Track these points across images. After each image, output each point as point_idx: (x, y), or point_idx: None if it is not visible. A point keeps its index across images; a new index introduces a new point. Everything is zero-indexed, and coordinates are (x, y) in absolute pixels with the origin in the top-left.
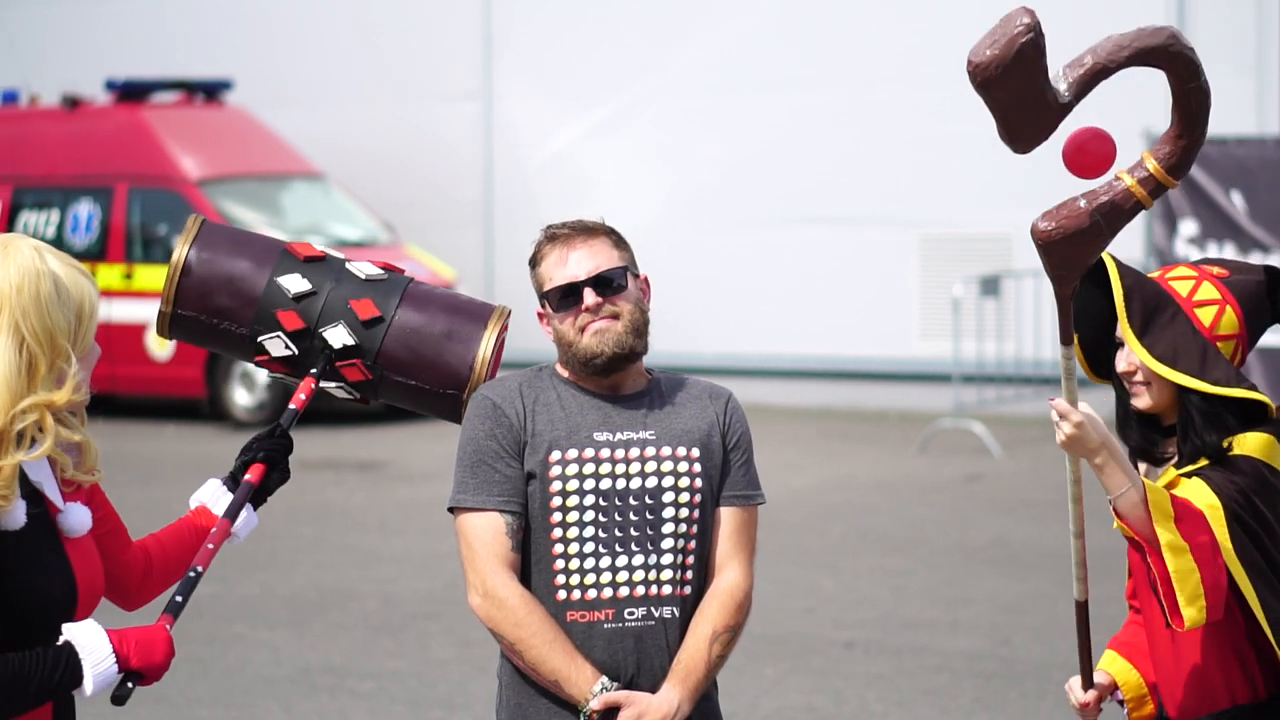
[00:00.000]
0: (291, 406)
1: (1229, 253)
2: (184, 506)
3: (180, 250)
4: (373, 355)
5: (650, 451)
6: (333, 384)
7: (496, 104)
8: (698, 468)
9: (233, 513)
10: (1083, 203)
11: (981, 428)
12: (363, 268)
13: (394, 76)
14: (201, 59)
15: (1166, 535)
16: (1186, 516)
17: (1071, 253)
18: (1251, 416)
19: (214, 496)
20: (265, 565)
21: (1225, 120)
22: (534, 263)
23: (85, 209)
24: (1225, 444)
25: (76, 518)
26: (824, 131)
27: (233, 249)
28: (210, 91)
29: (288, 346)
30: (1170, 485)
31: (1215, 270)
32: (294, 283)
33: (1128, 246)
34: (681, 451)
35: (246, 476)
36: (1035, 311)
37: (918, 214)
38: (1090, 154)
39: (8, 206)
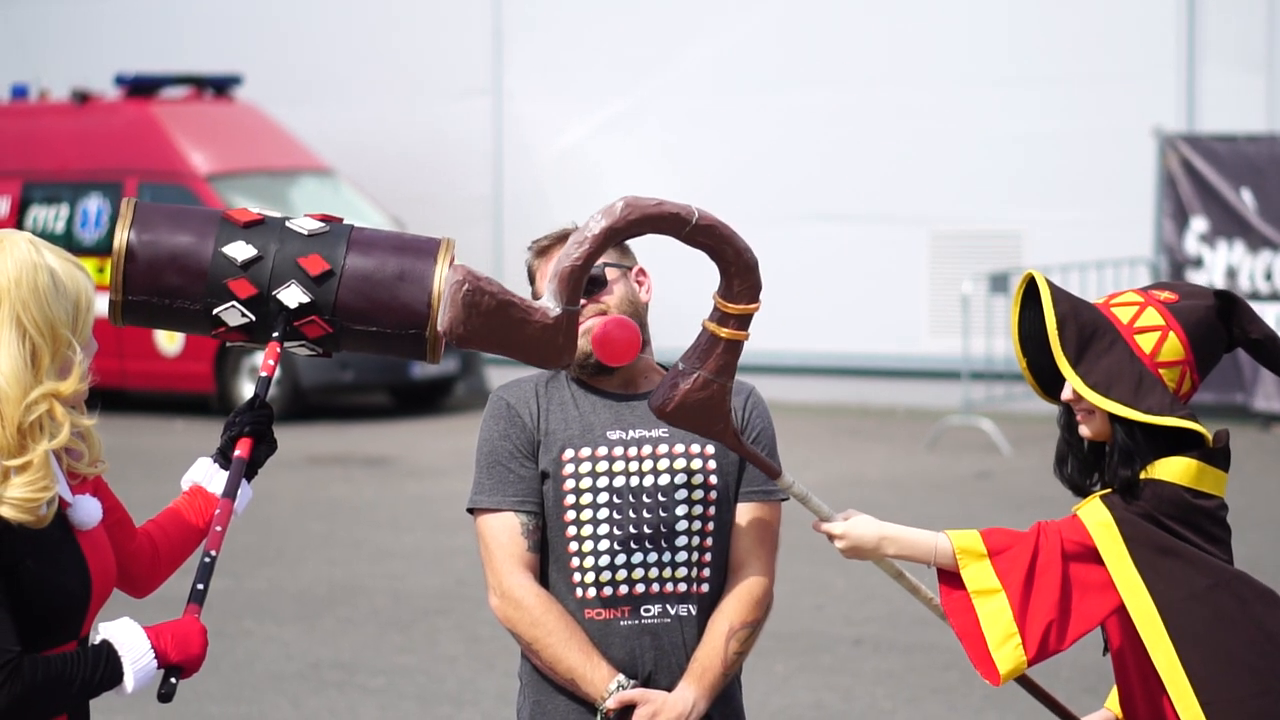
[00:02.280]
0: (262, 374)
1: (1238, 250)
2: None
3: (120, 235)
4: (329, 309)
5: (663, 449)
6: (294, 343)
7: (506, 100)
8: (712, 465)
9: (231, 491)
10: (680, 365)
11: (991, 425)
12: (304, 223)
13: (404, 72)
14: (211, 54)
15: (973, 582)
16: (1009, 546)
17: (698, 412)
18: (1185, 444)
19: (206, 475)
20: (274, 561)
21: (1235, 118)
22: (531, 280)
23: (95, 204)
24: (1140, 475)
25: (86, 510)
26: (834, 129)
27: (172, 226)
28: (220, 87)
29: (244, 315)
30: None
31: (1163, 296)
32: (239, 250)
33: (1139, 245)
34: (695, 448)
35: (236, 452)
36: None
37: (927, 211)
38: (615, 341)
39: (17, 202)
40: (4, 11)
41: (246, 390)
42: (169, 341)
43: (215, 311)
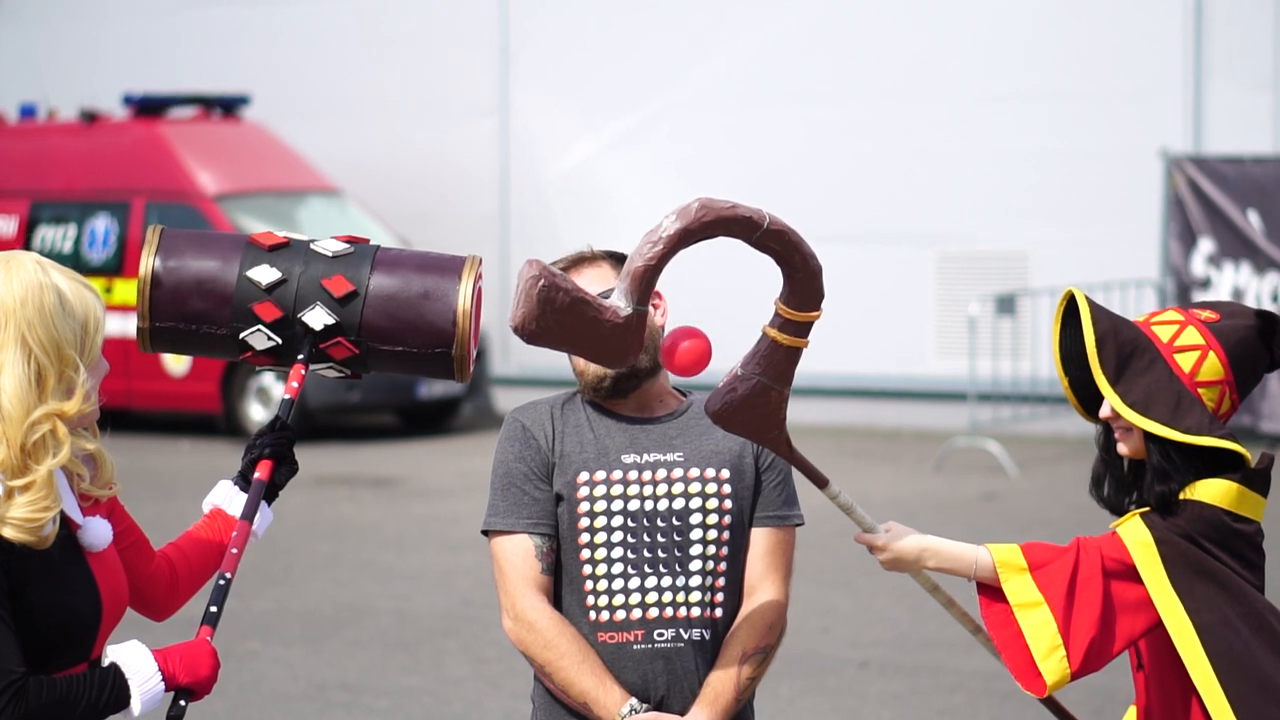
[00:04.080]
0: (286, 396)
1: (1245, 272)
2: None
3: (146, 262)
4: (355, 330)
5: (678, 473)
6: (322, 365)
7: (513, 119)
8: (728, 489)
9: (249, 513)
10: (739, 370)
11: (997, 446)
12: (328, 245)
13: (411, 92)
14: (219, 74)
15: (1015, 595)
16: (1050, 560)
17: (753, 418)
18: (1227, 465)
19: (227, 498)
20: (280, 581)
21: (1242, 139)
22: None
23: (102, 223)
24: (1180, 494)
25: (96, 532)
26: (840, 148)
27: (197, 252)
28: (228, 107)
29: (270, 338)
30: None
31: (1204, 315)
32: (264, 273)
33: (1146, 266)
34: (710, 473)
35: (256, 474)
36: (1051, 330)
37: (934, 232)
38: (686, 353)
39: (25, 221)
40: (12, 31)
41: (253, 411)
42: (175, 361)
43: (242, 336)
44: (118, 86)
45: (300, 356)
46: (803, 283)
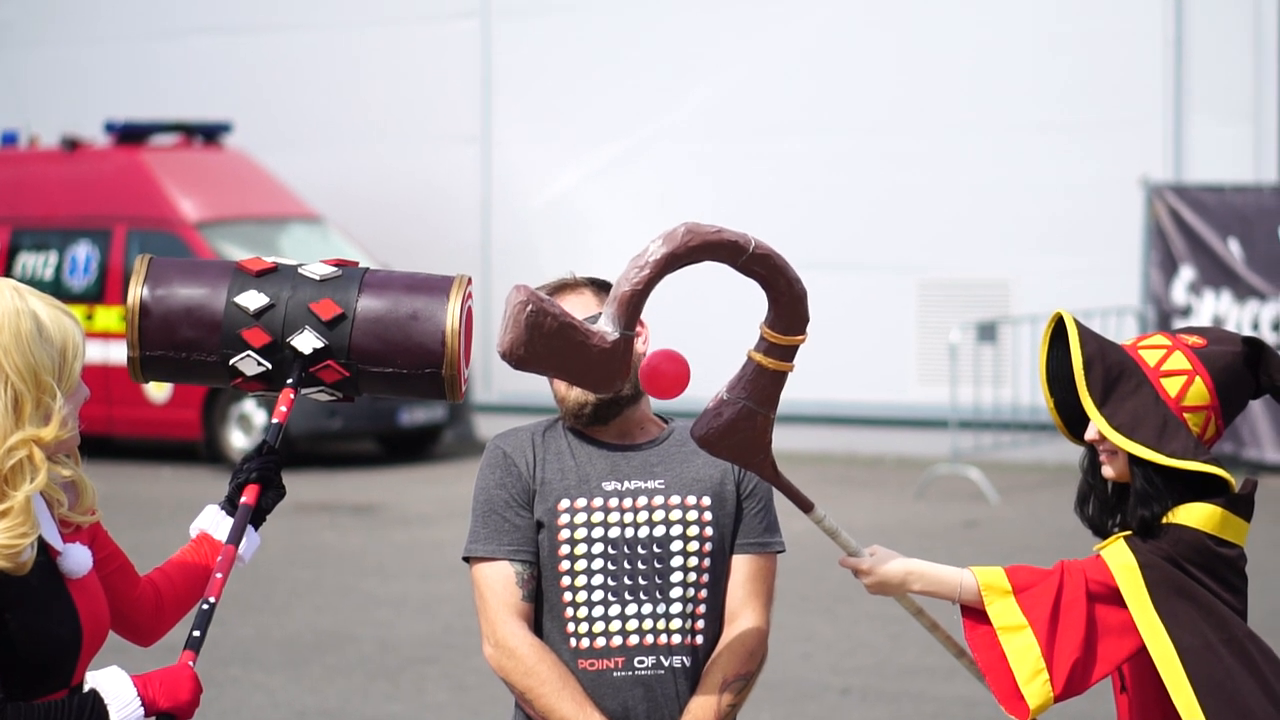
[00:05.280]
0: (274, 421)
1: (1225, 300)
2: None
3: (134, 292)
4: (344, 352)
5: (659, 500)
6: (313, 389)
7: (495, 148)
8: (708, 516)
9: (235, 538)
10: (724, 394)
11: (979, 474)
12: (316, 269)
13: (393, 120)
14: (201, 101)
15: (999, 618)
16: (1034, 583)
17: (739, 442)
18: (1211, 489)
19: (214, 523)
20: (261, 608)
21: (1223, 168)
22: None
23: (84, 251)
24: (1164, 518)
25: (76, 559)
26: (822, 177)
27: (185, 280)
28: (209, 134)
29: (259, 363)
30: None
31: (1191, 340)
32: (251, 299)
33: (1127, 294)
34: (691, 500)
35: (243, 499)
36: (1032, 357)
37: (915, 260)
38: (664, 375)
39: (6, 248)
40: None
41: (235, 438)
42: (157, 388)
43: (231, 362)
44: (99, 114)
45: (289, 381)
46: (787, 307)
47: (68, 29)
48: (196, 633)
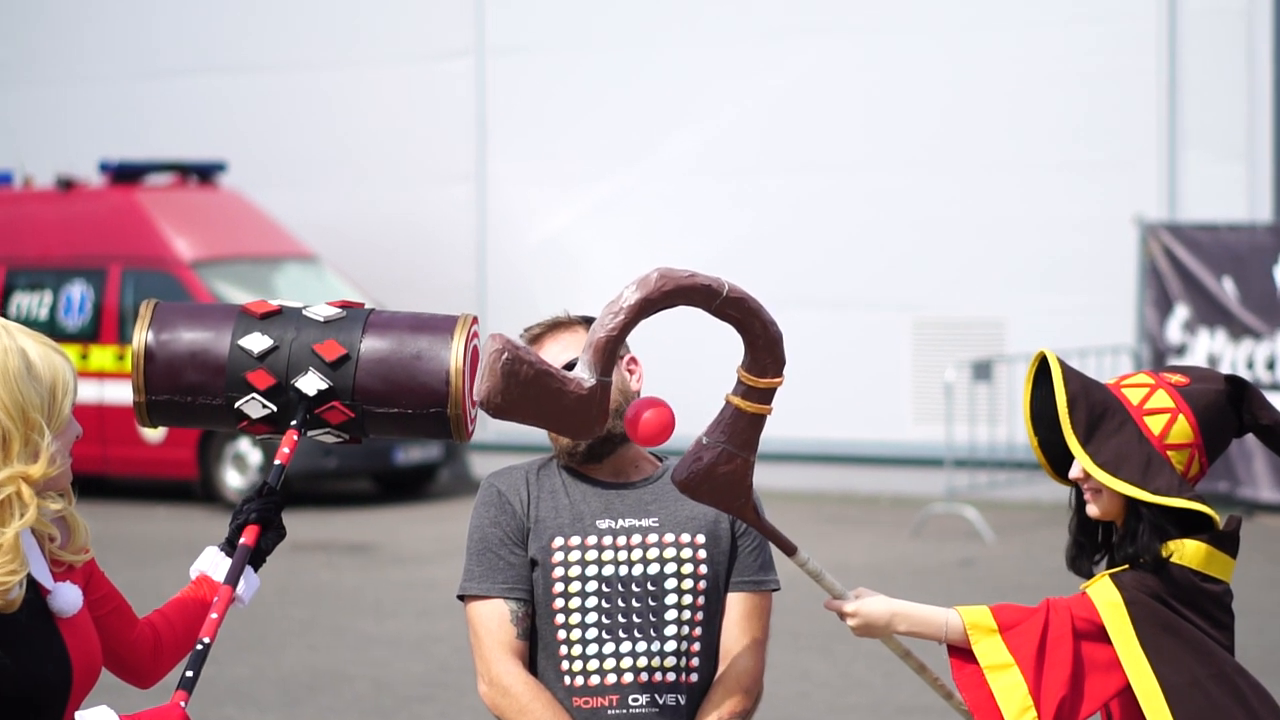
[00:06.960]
0: (277, 463)
1: (1220, 339)
2: (176, 588)
3: (139, 337)
4: (349, 393)
5: (653, 538)
6: (319, 431)
7: (490, 187)
8: (703, 554)
9: (233, 578)
10: (704, 438)
11: (974, 512)
12: (321, 310)
13: (387, 159)
14: (195, 141)
15: (986, 657)
16: (1020, 621)
17: (720, 486)
18: (1194, 527)
19: (214, 564)
20: (256, 647)
21: (1216, 207)
22: None
23: (78, 290)
24: (1149, 554)
25: (66, 598)
26: (816, 216)
27: (189, 324)
28: (204, 173)
29: (264, 405)
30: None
31: (1175, 379)
32: (255, 341)
33: (1121, 332)
34: (685, 538)
35: (242, 539)
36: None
37: (910, 298)
38: (648, 424)
39: (1, 288)
40: None
41: (230, 477)
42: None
43: (237, 405)
44: (94, 154)
45: (294, 422)
46: (763, 350)
47: (61, 69)
48: (189, 672)
